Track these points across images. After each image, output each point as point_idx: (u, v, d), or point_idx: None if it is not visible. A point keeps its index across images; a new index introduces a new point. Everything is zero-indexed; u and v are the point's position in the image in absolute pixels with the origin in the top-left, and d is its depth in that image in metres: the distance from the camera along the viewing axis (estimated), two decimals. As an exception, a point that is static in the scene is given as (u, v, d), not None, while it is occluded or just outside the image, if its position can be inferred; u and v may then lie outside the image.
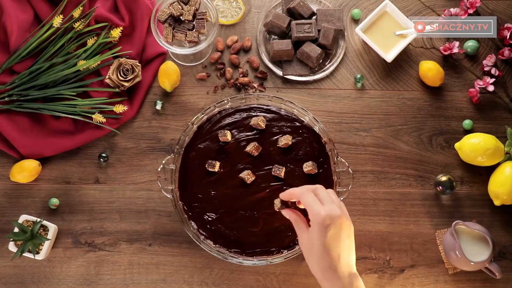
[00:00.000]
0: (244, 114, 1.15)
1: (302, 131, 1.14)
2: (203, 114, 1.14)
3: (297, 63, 1.24)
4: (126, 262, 1.18)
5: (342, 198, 1.11)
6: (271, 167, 1.13)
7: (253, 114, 1.15)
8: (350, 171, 1.11)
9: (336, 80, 1.25)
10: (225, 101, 1.15)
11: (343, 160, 1.11)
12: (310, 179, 1.13)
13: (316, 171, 1.12)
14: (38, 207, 1.20)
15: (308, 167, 1.12)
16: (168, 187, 1.12)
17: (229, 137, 1.13)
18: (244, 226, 1.11)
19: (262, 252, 1.11)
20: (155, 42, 1.20)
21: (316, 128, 1.14)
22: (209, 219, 1.12)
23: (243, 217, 1.11)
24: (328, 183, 1.13)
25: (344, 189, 1.12)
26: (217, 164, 1.12)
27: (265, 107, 1.16)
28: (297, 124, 1.15)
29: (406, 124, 1.23)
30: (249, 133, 1.14)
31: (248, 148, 1.13)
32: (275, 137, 1.14)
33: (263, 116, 1.14)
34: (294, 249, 1.10)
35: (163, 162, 1.11)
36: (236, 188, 1.12)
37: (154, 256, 1.18)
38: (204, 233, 1.11)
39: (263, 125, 1.13)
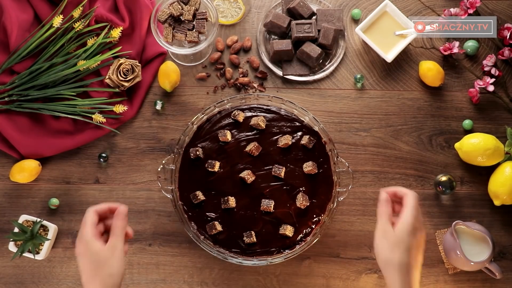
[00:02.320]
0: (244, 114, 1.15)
1: (302, 131, 1.14)
2: (203, 114, 1.14)
3: (297, 63, 1.24)
4: (126, 262, 1.18)
5: (342, 198, 1.11)
6: (271, 167, 1.13)
7: (253, 114, 1.15)
8: (350, 171, 1.11)
9: (336, 80, 1.25)
10: (225, 101, 1.15)
11: (343, 160, 1.11)
12: (310, 179, 1.13)
13: (316, 171, 1.12)
14: (38, 207, 1.20)
15: (308, 167, 1.12)
16: (168, 187, 1.12)
17: (229, 137, 1.13)
18: (244, 226, 1.11)
19: (262, 252, 1.10)
20: (155, 42, 1.20)
21: (316, 128, 1.14)
22: (209, 219, 1.11)
23: (243, 217, 1.11)
24: (328, 183, 1.13)
25: (344, 189, 1.11)
26: (217, 164, 1.12)
27: (265, 107, 1.15)
28: (297, 124, 1.15)
29: (406, 124, 1.23)
30: (249, 133, 1.14)
31: (248, 148, 1.12)
32: (275, 137, 1.14)
33: (263, 116, 1.14)
34: (294, 249, 1.10)
35: (163, 162, 1.11)
36: (236, 188, 1.12)
37: (154, 256, 1.18)
38: (204, 233, 1.11)
39: (263, 125, 1.13)
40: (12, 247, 1.16)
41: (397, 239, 0.92)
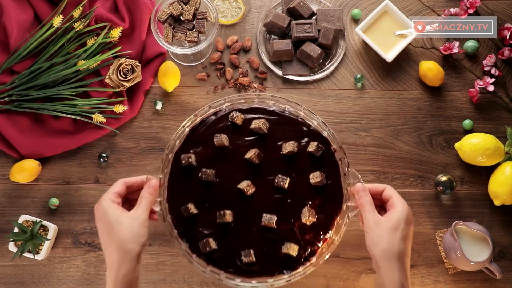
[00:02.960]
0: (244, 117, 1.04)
1: (309, 137, 1.02)
2: (196, 115, 1.02)
3: (297, 63, 1.24)
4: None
5: (353, 214, 0.99)
6: (273, 177, 1.00)
7: (254, 116, 1.03)
8: (362, 182, 0.99)
9: (336, 80, 1.25)
10: (222, 101, 1.03)
11: (354, 171, 1.00)
12: (317, 191, 1.00)
13: (324, 183, 1.00)
14: (38, 207, 1.20)
15: (315, 178, 0.99)
16: (156, 199, 0.97)
17: (226, 142, 1.01)
18: (242, 243, 0.99)
19: (262, 273, 0.99)
20: (155, 42, 1.20)
21: (325, 134, 1.02)
22: (203, 235, 0.99)
23: (241, 234, 0.99)
24: (337, 197, 1.00)
25: (354, 204, 0.99)
26: (212, 173, 1.00)
27: (267, 108, 1.03)
28: (304, 128, 1.02)
29: (406, 124, 1.23)
30: (249, 138, 1.02)
31: (248, 156, 1.00)
32: (279, 143, 1.02)
33: (265, 119, 1.01)
34: (297, 271, 0.99)
35: (148, 170, 0.98)
36: (233, 201, 1.00)
37: (154, 256, 1.18)
38: (197, 251, 0.99)
39: (265, 129, 1.01)
40: (12, 247, 1.16)
41: (393, 226, 0.90)
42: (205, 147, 1.01)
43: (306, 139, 1.02)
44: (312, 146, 1.01)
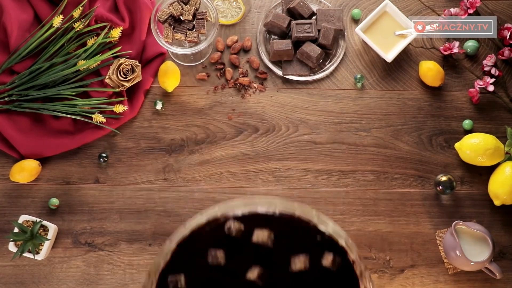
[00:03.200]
0: (243, 227, 0.85)
1: (323, 248, 0.84)
2: (185, 228, 0.84)
3: (297, 63, 1.24)
4: (126, 262, 1.18)
5: None
6: None
7: (255, 225, 0.84)
8: None
9: (336, 80, 1.25)
10: (216, 209, 0.85)
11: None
12: None
13: None
14: (38, 207, 1.20)
15: None
16: None
17: (222, 259, 0.83)
18: None
19: None
20: (155, 42, 1.20)
21: (343, 242, 0.85)
22: None
23: None
24: None
25: None
26: None
27: (271, 214, 0.85)
28: (316, 237, 0.85)
29: (406, 124, 1.23)
30: (251, 253, 0.84)
31: (250, 275, 0.82)
32: (287, 257, 0.83)
33: (269, 229, 0.83)
34: None
35: None
36: None
37: (154, 256, 1.18)
38: None
39: (270, 244, 0.83)
40: (12, 247, 1.16)
41: None
42: (197, 265, 0.83)
43: (319, 251, 0.85)
44: (328, 260, 0.83)
